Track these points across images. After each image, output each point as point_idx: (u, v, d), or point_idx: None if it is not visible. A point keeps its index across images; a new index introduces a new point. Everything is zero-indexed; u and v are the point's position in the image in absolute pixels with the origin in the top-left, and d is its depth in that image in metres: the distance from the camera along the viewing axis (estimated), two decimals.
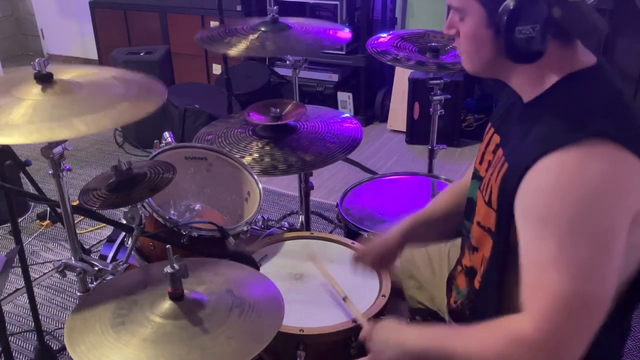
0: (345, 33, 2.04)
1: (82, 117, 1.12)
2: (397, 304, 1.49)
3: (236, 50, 1.87)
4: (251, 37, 1.91)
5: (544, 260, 0.89)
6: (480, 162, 1.19)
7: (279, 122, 1.89)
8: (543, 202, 0.90)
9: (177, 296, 1.06)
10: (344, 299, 1.36)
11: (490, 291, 1.11)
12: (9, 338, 1.99)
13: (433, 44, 2.12)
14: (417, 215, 1.42)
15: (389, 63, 2.10)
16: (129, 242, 1.44)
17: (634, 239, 0.92)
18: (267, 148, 1.87)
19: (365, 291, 1.42)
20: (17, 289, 2.46)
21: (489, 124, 1.20)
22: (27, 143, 1.07)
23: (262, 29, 1.94)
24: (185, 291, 1.07)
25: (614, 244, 0.89)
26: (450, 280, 1.33)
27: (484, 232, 1.11)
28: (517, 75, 1.04)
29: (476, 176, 1.19)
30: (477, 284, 1.16)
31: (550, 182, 0.90)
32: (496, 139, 1.13)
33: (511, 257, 1.00)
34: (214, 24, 3.96)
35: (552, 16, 0.94)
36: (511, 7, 0.94)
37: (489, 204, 1.08)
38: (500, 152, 1.08)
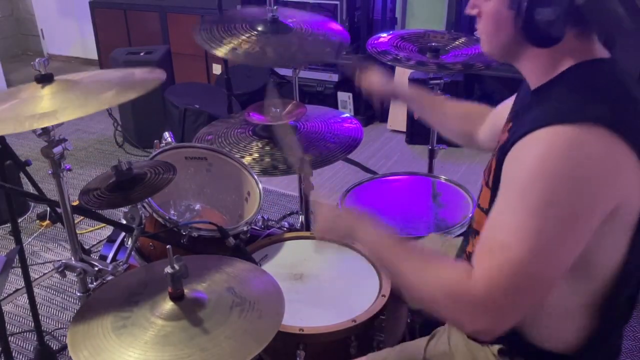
0: (340, 29, 2.02)
1: (81, 101, 1.14)
2: (397, 305, 1.49)
3: (234, 56, 1.84)
4: (252, 38, 1.90)
5: (513, 227, 0.90)
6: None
7: (279, 122, 1.89)
8: (527, 172, 0.90)
9: (177, 296, 1.06)
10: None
11: None
12: (9, 338, 1.99)
13: (433, 44, 2.13)
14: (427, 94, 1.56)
15: (389, 63, 2.10)
16: (129, 242, 1.44)
17: (612, 231, 0.92)
18: (267, 148, 1.87)
19: (365, 291, 1.42)
20: (17, 289, 2.46)
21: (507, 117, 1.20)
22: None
23: (260, 28, 1.92)
24: (186, 290, 1.07)
25: (581, 231, 0.89)
26: None
27: (481, 213, 1.11)
28: (530, 60, 1.03)
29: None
30: None
31: (538, 154, 0.90)
32: (508, 125, 1.13)
33: None
34: None
35: (575, 3, 0.93)
36: None
37: (487, 184, 1.08)
38: (506, 135, 1.09)
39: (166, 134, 1.81)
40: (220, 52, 1.80)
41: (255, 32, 1.91)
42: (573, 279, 0.96)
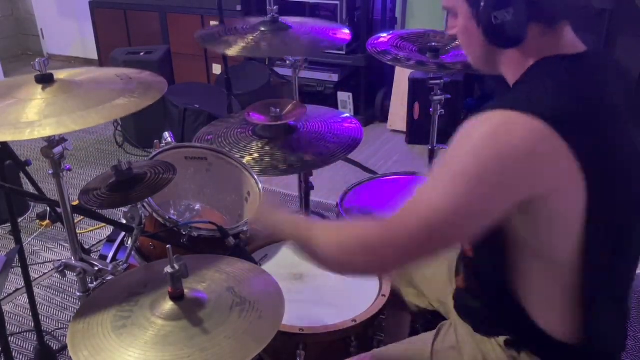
0: (345, 34, 2.04)
1: (82, 112, 1.14)
2: (398, 306, 1.49)
3: (235, 50, 1.86)
4: (250, 37, 1.91)
5: (438, 185, 0.95)
6: None
7: (279, 122, 1.89)
8: (466, 144, 0.94)
9: (177, 296, 1.06)
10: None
11: (481, 253, 1.12)
12: (9, 338, 1.99)
13: (433, 44, 2.12)
14: None
15: (389, 63, 2.10)
16: (129, 242, 1.44)
17: (551, 221, 0.95)
18: (267, 148, 1.87)
19: (365, 291, 1.42)
20: (17, 289, 2.46)
21: None
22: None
23: (262, 28, 1.94)
24: (186, 290, 1.07)
25: (494, 209, 0.93)
26: (458, 262, 1.33)
27: None
28: (506, 64, 1.07)
29: None
30: (470, 252, 1.17)
31: (481, 129, 0.93)
32: None
33: None
34: (214, 23, 3.96)
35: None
36: None
37: None
38: None
39: (166, 134, 1.81)
40: (223, 49, 1.82)
41: (257, 31, 1.92)
42: (546, 271, 1.00)
